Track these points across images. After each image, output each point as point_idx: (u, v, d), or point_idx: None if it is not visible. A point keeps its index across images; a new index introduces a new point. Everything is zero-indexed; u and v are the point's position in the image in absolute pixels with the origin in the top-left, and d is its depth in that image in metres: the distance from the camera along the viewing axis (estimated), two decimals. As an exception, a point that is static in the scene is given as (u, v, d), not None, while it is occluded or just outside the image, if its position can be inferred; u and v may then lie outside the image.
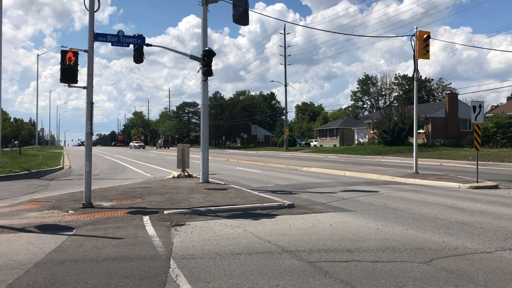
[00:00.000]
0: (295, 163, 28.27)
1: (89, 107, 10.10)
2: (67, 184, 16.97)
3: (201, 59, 14.01)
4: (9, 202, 11.71)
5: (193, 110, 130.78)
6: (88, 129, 10.10)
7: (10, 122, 61.05)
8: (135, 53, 13.11)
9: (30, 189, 15.28)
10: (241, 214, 9.05)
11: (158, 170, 22.97)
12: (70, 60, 9.80)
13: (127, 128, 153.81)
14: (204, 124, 14.87)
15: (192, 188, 13.33)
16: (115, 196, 11.80)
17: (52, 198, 11.71)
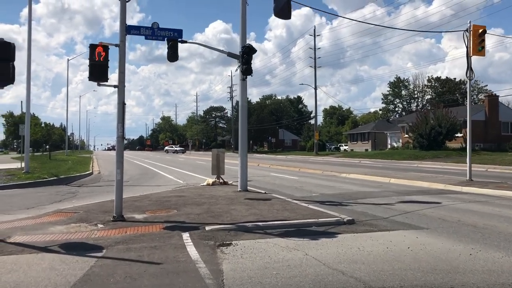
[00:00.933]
0: (330, 168, 26.78)
1: (120, 108, 9.02)
2: (96, 191, 16.05)
3: (239, 57, 12.82)
4: (34, 213, 10.76)
5: (220, 114, 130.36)
6: (120, 132, 9.01)
7: (41, 126, 61.73)
8: (169, 51, 12.04)
9: (57, 196, 14.40)
10: (295, 232, 7.74)
11: (190, 176, 21.91)
12: (100, 56, 8.75)
13: (155, 132, 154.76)
14: (242, 127, 13.64)
15: (231, 197, 12.10)
16: (148, 207, 10.69)
17: (80, 208, 10.69)
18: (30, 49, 22.25)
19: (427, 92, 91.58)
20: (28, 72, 22.30)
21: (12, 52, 7.65)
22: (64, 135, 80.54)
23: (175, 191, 14.46)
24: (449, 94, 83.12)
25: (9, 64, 7.57)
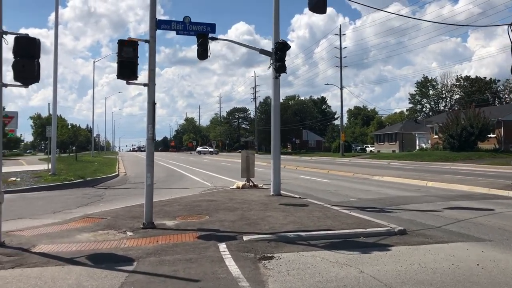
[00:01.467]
0: (360, 170, 25.85)
1: (151, 108, 8.46)
2: (123, 194, 15.62)
3: (272, 54, 12.14)
4: (60, 217, 10.32)
5: (243, 115, 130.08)
6: (150, 134, 8.45)
7: (67, 128, 62.41)
8: (199, 48, 11.44)
9: (84, 199, 14.01)
10: (342, 244, 7.01)
11: (217, 178, 21.34)
12: (129, 52, 8.20)
13: (179, 134, 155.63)
14: (275, 128, 12.96)
15: (264, 202, 11.43)
16: (179, 212, 10.11)
17: (107, 213, 10.19)
18: (56, 52, 22.17)
19: (455, 91, 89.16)
20: (54, 75, 22.19)
21: (37, 48, 7.17)
22: (90, 137, 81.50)
23: (205, 194, 13.88)
24: (479, 94, 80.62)
25: (34, 61, 7.09)
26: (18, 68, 6.98)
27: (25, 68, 7.02)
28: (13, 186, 16.84)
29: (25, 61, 7.00)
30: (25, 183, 17.65)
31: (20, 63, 6.97)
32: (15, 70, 6.97)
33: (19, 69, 6.97)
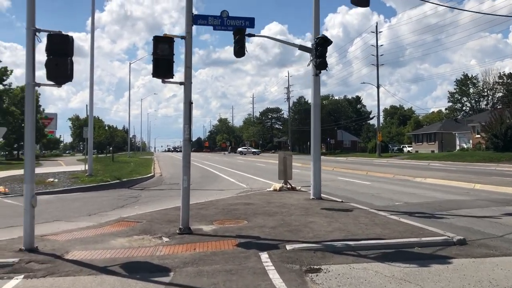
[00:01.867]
0: (399, 171, 24.82)
1: (187, 107, 8.05)
2: (158, 196, 15.39)
3: (312, 49, 11.56)
4: (95, 220, 10.09)
5: (276, 116, 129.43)
6: (186, 134, 8.05)
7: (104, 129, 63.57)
8: (236, 46, 11.03)
9: (119, 201, 13.83)
10: (396, 255, 6.37)
11: (252, 180, 20.88)
12: (165, 49, 7.82)
13: (212, 134, 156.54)
14: (315, 128, 12.36)
15: (305, 207, 10.86)
16: (215, 216, 9.68)
17: (143, 217, 9.87)
18: (93, 55, 22.29)
19: (498, 89, 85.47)
20: (91, 77, 22.32)
21: (70, 46, 6.88)
22: (126, 137, 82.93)
23: (241, 197, 13.43)
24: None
25: (66, 60, 6.80)
26: (51, 67, 6.70)
27: (58, 66, 6.73)
28: (50, 187, 16.93)
29: (58, 60, 6.72)
30: (62, 184, 17.72)
31: (53, 61, 6.70)
32: (48, 69, 6.70)
33: (52, 68, 6.70)
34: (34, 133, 6.96)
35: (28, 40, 6.73)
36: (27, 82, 6.76)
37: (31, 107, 6.82)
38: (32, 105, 6.84)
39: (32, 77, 6.76)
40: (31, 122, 6.84)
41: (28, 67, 6.75)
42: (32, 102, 6.87)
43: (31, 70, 6.76)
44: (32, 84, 6.77)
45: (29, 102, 6.84)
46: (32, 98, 6.85)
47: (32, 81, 6.76)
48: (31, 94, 6.83)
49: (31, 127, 6.85)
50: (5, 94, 38.30)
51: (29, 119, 6.83)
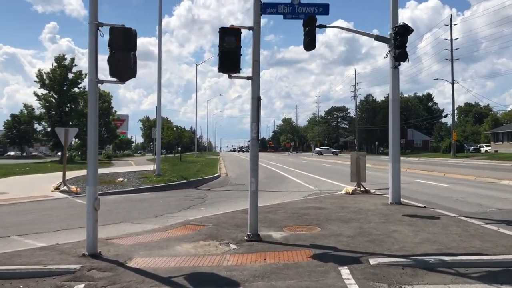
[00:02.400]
0: (480, 173, 22.70)
1: (255, 104, 7.42)
2: (225, 197, 14.98)
3: (390, 40, 10.52)
4: (161, 223, 9.79)
5: (341, 115, 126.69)
6: (254, 133, 7.42)
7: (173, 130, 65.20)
8: (306, 38, 10.28)
9: (186, 202, 13.56)
10: (504, 274, 5.31)
11: (320, 181, 19.97)
12: (231, 42, 7.24)
13: (276, 134, 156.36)
14: (394, 126, 11.25)
15: (383, 213, 9.85)
16: (285, 221, 8.98)
17: (209, 220, 9.40)
18: (160, 58, 22.50)
19: None
20: (158, 78, 22.55)
21: (133, 40, 6.48)
22: (193, 138, 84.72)
23: (311, 200, 12.63)
24: None
25: (129, 54, 6.40)
26: (113, 62, 6.34)
27: (120, 62, 6.36)
28: (120, 186, 17.12)
29: (120, 54, 6.34)
30: (131, 184, 17.89)
31: (115, 56, 6.33)
32: (111, 65, 6.34)
33: (115, 63, 6.33)
34: (97, 133, 6.67)
35: (91, 35, 6.42)
36: (90, 79, 6.46)
37: (94, 105, 6.52)
38: (95, 103, 6.53)
39: (94, 73, 6.45)
40: (94, 121, 6.54)
41: (91, 64, 6.45)
42: (95, 100, 6.56)
43: (93, 67, 6.45)
44: (95, 81, 6.45)
45: (92, 100, 6.55)
46: (95, 96, 6.54)
47: (94, 77, 6.45)
48: (94, 92, 6.53)
49: (94, 126, 6.55)
50: (80, 96, 40.19)
51: (92, 118, 6.53)
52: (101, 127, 48.56)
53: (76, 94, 39.38)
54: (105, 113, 47.73)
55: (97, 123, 6.62)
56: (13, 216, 10.99)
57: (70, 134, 16.02)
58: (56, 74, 37.54)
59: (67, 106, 38.80)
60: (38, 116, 38.32)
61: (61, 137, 15.85)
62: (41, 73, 37.73)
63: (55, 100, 38.21)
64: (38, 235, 8.79)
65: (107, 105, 48.22)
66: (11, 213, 11.41)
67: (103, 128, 48.98)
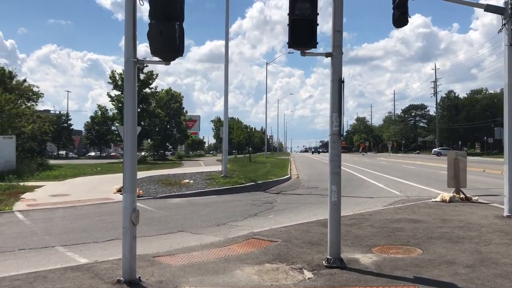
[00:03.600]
0: None
1: (336, 88, 5.70)
2: (296, 202, 13.33)
3: (507, 9, 8.28)
4: (223, 233, 8.39)
5: (420, 113, 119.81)
6: (335, 126, 5.69)
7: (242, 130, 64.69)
8: (396, 11, 8.38)
9: (252, 208, 12.09)
10: None
11: (404, 185, 17.63)
12: (305, 8, 5.58)
13: (349, 134, 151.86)
14: (511, 117, 8.95)
15: (503, 229, 7.65)
16: (373, 238, 7.15)
17: (278, 233, 7.80)
18: (227, 59, 21.33)
19: None
20: (225, 76, 21.42)
21: (179, 6, 5.02)
22: (263, 138, 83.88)
23: (401, 209, 10.58)
24: None
25: (174, 25, 4.95)
26: (154, 36, 4.92)
27: (162, 35, 4.92)
28: (185, 188, 16.08)
29: (162, 25, 4.91)
30: (197, 186, 16.79)
31: (156, 27, 4.91)
32: (151, 39, 4.94)
33: (155, 37, 4.91)
34: (136, 128, 5.30)
35: (127, 5, 5.07)
36: (126, 59, 5.10)
37: (132, 93, 5.16)
38: (133, 91, 5.17)
39: (132, 52, 5.09)
40: (132, 114, 5.19)
41: (128, 40, 5.10)
42: (133, 86, 5.20)
43: (131, 44, 5.10)
44: (132, 61, 5.09)
45: (130, 84, 5.19)
46: (133, 79, 5.18)
47: (132, 57, 5.09)
48: (132, 75, 5.16)
49: (132, 120, 5.20)
50: (151, 97, 40.46)
51: (129, 111, 5.19)
52: (172, 127, 48.94)
53: (148, 95, 39.67)
54: (176, 113, 47.96)
55: (135, 116, 5.26)
56: (67, 221, 10.15)
57: (132, 133, 15.20)
58: (128, 75, 37.94)
59: (138, 106, 39.15)
60: (111, 117, 39.06)
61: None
62: (114, 74, 38.42)
63: (127, 101, 38.66)
64: (84, 246, 7.73)
65: (178, 105, 48.41)
66: (66, 218, 10.59)
67: (175, 129, 49.30)
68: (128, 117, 5.14)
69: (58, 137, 77.65)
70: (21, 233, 8.85)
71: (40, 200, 13.09)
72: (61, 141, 78.58)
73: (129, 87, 5.15)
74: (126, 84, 5.18)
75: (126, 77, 5.18)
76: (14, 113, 22.05)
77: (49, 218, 10.54)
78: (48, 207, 12.04)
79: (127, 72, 5.15)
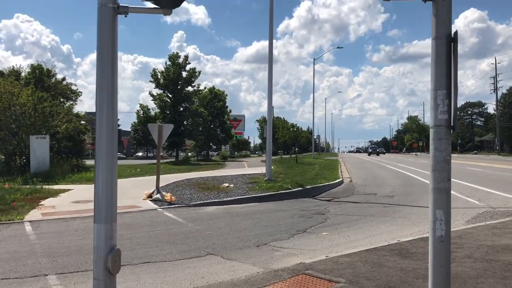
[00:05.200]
0: None
1: (442, 49, 3.46)
2: (354, 213, 11.07)
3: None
4: (263, 260, 6.40)
5: (477, 111, 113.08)
6: (443, 113, 3.36)
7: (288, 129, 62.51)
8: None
9: (301, 221, 9.99)
10: None
11: (481, 192, 14.84)
12: None
13: (400, 133, 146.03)
14: None
15: None
16: (481, 282, 4.84)
17: (338, 266, 5.65)
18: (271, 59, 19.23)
19: None
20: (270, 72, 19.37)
21: None
22: (310, 138, 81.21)
23: (497, 228, 8.08)
24: None
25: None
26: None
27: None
28: (223, 194, 14.17)
29: None
30: (237, 191, 14.83)
31: None
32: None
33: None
34: (116, 118, 3.28)
35: None
36: (100, 3, 3.13)
37: (110, 57, 3.16)
38: (111, 53, 3.17)
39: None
40: (108, 89, 3.17)
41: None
42: (112, 47, 3.19)
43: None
44: (110, 8, 3.11)
45: (106, 47, 3.18)
46: (110, 36, 3.17)
47: (111, 2, 3.11)
48: (110, 28, 3.16)
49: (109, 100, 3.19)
50: (194, 95, 39.06)
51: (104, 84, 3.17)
52: (216, 127, 47.42)
53: (190, 93, 38.26)
54: (220, 112, 46.40)
55: (114, 96, 3.24)
56: (78, 237, 8.44)
57: (164, 130, 13.46)
58: (170, 73, 36.72)
59: (181, 105, 37.85)
60: (153, 116, 37.97)
61: (155, 134, 13.36)
62: (155, 73, 37.27)
63: (169, 100, 37.49)
64: (83, 276, 5.95)
65: (222, 104, 46.81)
66: (78, 232, 8.90)
67: (218, 128, 47.78)
68: (103, 98, 3.15)
69: (106, 138, 78.67)
70: (16, 253, 7.21)
71: (60, 208, 11.57)
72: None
73: (105, 51, 3.16)
74: (101, 47, 3.19)
75: (101, 34, 3.19)
76: (48, 112, 21.04)
77: (59, 232, 8.89)
78: (65, 216, 10.45)
79: (102, 26, 3.17)
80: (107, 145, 3.10)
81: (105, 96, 3.13)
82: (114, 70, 3.17)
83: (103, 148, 3.10)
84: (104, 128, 3.09)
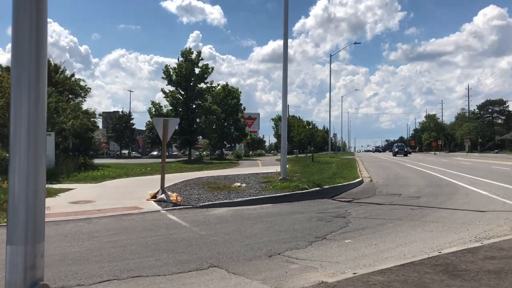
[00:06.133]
0: None
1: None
2: (377, 217, 9.86)
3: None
4: (274, 278, 5.37)
5: (498, 109, 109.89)
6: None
7: (303, 127, 61.22)
8: None
9: (319, 225, 8.86)
10: None
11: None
12: None
13: (417, 132, 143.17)
14: None
15: None
16: None
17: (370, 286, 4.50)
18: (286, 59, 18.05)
19: None
20: (285, 68, 18.23)
21: None
22: (326, 137, 79.74)
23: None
24: None
25: None
26: None
27: None
28: (234, 194, 13.08)
29: None
30: (249, 191, 13.73)
31: None
32: None
33: None
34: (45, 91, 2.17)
35: None
36: None
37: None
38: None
39: None
40: (31, 56, 2.06)
41: None
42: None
43: None
44: None
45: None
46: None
47: None
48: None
49: (30, 64, 2.07)
50: (207, 92, 38.05)
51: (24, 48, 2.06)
52: (230, 125, 46.40)
53: (203, 90, 37.26)
54: (233, 110, 45.34)
55: (41, 66, 2.13)
56: (65, 243, 7.45)
57: (170, 125, 12.43)
58: (182, 69, 35.77)
59: (193, 102, 36.88)
60: (165, 114, 37.12)
61: (159, 129, 12.35)
62: (168, 69, 36.36)
63: (182, 97, 36.54)
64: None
65: (236, 101, 45.72)
66: (68, 237, 7.91)
67: (232, 126, 46.74)
68: (23, 72, 2.05)
69: (121, 136, 78.35)
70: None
71: (55, 209, 10.61)
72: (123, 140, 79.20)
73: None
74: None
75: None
76: (53, 108, 20.22)
77: (46, 237, 7.87)
78: (57, 219, 9.48)
79: None
80: (28, 134, 2.00)
81: (26, 71, 2.04)
82: (44, 26, 2.08)
83: (21, 139, 2.00)
84: (24, 111, 1.99)
